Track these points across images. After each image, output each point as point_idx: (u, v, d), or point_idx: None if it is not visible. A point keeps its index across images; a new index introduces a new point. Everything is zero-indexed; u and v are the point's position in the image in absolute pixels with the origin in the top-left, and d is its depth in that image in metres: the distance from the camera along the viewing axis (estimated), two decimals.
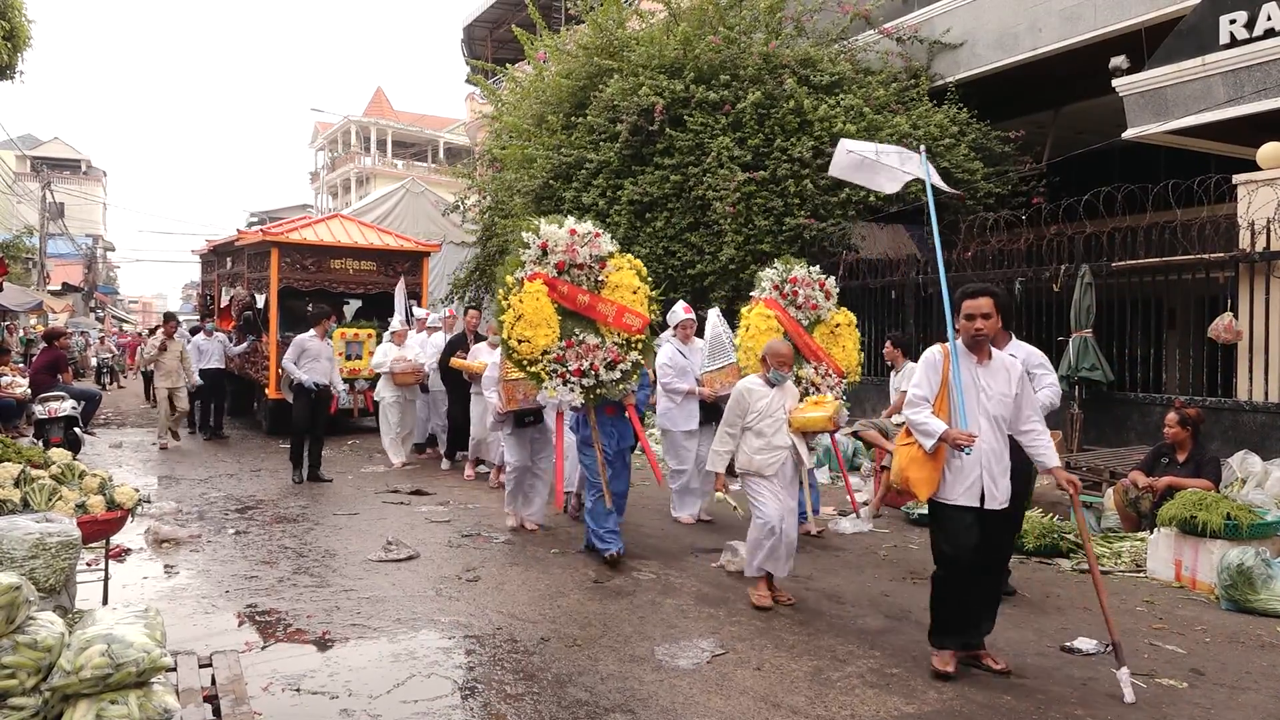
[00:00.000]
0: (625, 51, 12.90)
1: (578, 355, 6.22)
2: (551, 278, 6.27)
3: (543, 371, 6.21)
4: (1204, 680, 4.35)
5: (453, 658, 4.57)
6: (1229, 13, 8.50)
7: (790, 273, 7.38)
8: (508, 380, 6.94)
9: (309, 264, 13.32)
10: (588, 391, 6.26)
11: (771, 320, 7.13)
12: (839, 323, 7.53)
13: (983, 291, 4.32)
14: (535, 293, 6.16)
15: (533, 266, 6.28)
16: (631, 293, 6.41)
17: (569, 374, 6.20)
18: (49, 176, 35.13)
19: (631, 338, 6.40)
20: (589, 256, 6.34)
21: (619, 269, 6.45)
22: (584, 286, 6.35)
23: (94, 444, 12.40)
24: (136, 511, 4.54)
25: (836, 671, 4.38)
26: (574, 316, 6.34)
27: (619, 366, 6.32)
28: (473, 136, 28.06)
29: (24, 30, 11.26)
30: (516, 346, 6.15)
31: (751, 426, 5.41)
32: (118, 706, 2.87)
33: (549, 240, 6.27)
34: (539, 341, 6.16)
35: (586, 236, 6.35)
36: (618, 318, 6.36)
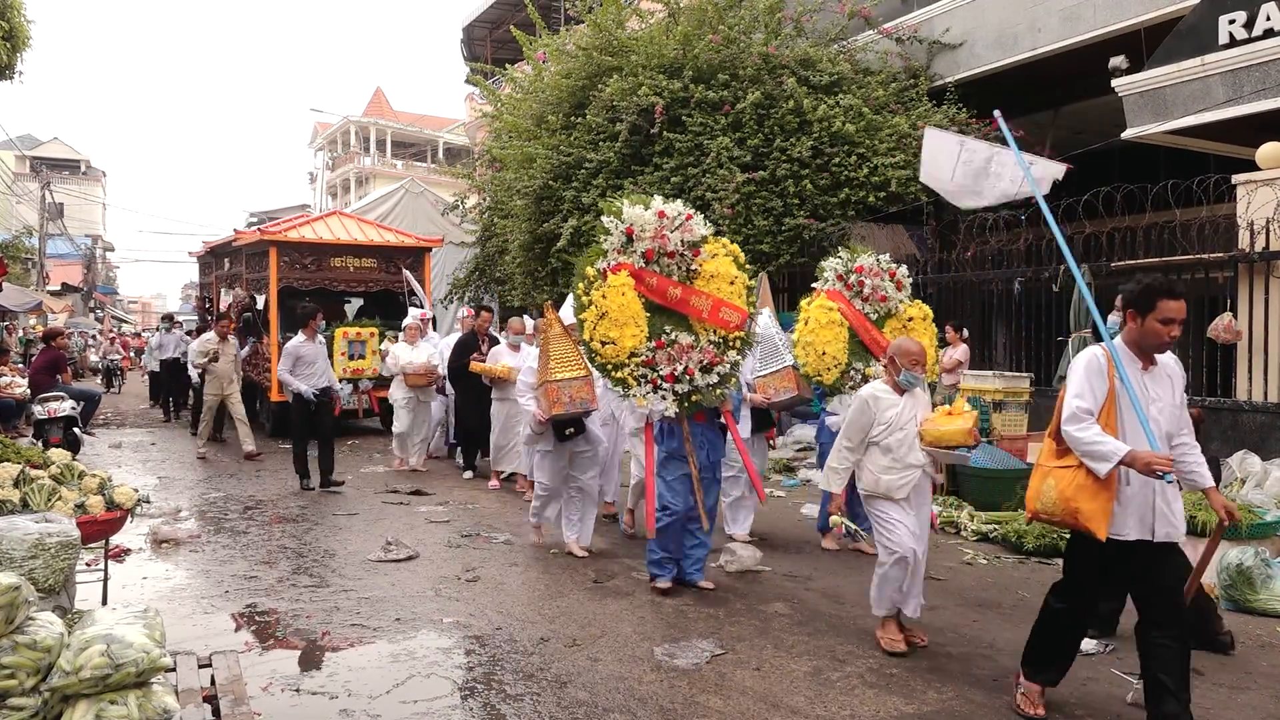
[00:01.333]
0: (624, 51, 12.90)
1: (670, 357, 5.45)
2: (638, 268, 5.48)
3: (629, 377, 5.42)
4: (1203, 680, 4.35)
5: (452, 658, 4.57)
6: (1228, 13, 8.49)
7: (855, 261, 6.73)
8: (552, 381, 6.07)
9: (308, 263, 13.11)
10: (681, 399, 5.49)
11: (834, 314, 6.51)
12: (912, 316, 6.79)
13: (1181, 292, 3.69)
14: (621, 286, 5.36)
15: (616, 256, 5.48)
16: (729, 283, 5.61)
17: (660, 379, 5.42)
18: (48, 177, 35.16)
19: (729, 335, 5.62)
20: (680, 242, 5.54)
21: (714, 256, 5.64)
22: (674, 277, 5.59)
23: (93, 444, 12.40)
24: (136, 512, 4.53)
25: (836, 671, 4.38)
26: (663, 312, 5.59)
27: (716, 369, 5.54)
28: (472, 137, 28.07)
29: (23, 30, 11.24)
30: (600, 349, 5.37)
31: (878, 441, 4.66)
32: (117, 707, 2.87)
33: (635, 225, 5.47)
34: (626, 342, 5.36)
35: (677, 219, 5.56)
36: (713, 313, 5.56)
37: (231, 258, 15.08)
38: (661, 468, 5.66)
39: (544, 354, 6.20)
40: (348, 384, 12.26)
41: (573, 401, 6.05)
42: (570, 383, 6.04)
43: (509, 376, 8.61)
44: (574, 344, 6.11)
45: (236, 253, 14.55)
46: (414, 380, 10.15)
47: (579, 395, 6.04)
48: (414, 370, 10.10)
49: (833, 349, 6.46)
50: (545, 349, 6.21)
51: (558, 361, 6.11)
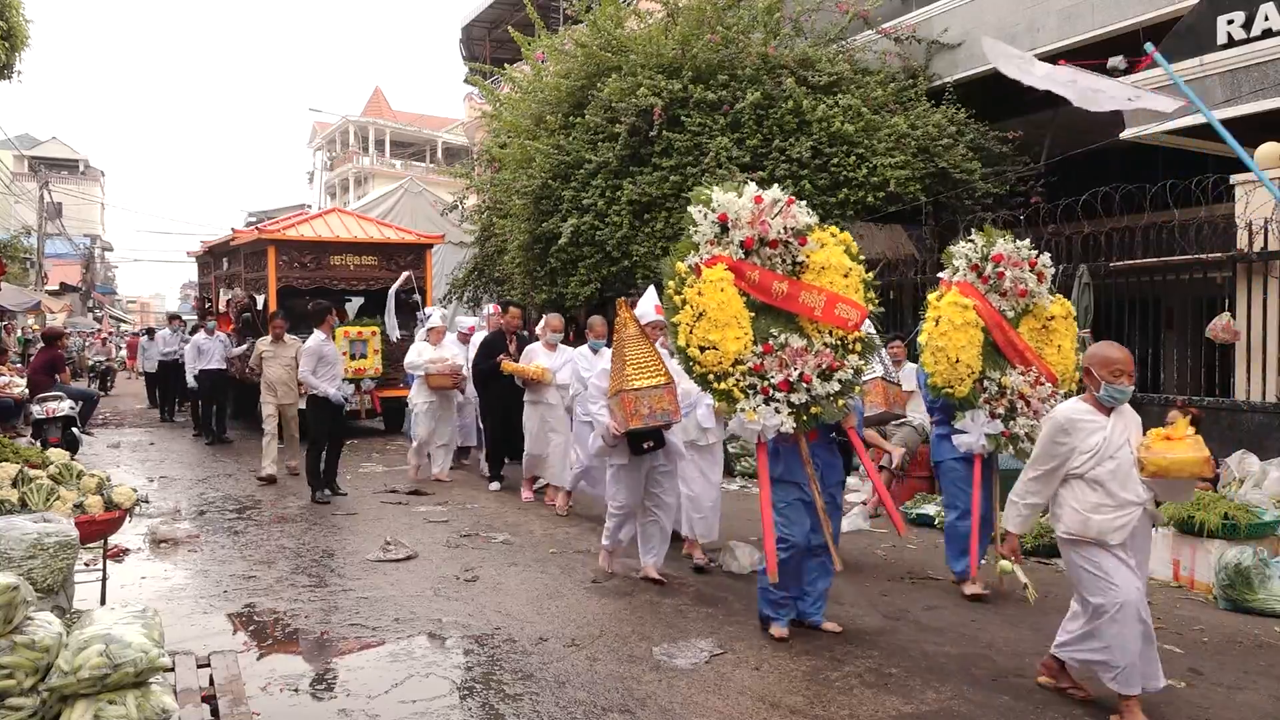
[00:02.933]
0: (623, 51, 12.90)
1: (782, 363, 4.67)
2: (737, 260, 4.76)
3: (736, 388, 4.62)
4: (1202, 680, 4.36)
5: (451, 657, 4.57)
6: (1227, 13, 8.50)
7: (992, 248, 5.72)
8: (629, 390, 5.35)
9: (307, 261, 12.90)
10: (798, 411, 4.66)
11: (969, 312, 5.53)
12: (1053, 315, 5.85)
13: None
14: (719, 281, 4.63)
15: (710, 248, 4.76)
16: (842, 276, 4.87)
17: (773, 389, 4.63)
18: (47, 176, 35.11)
19: (848, 336, 4.87)
20: (783, 230, 4.82)
21: (823, 245, 4.92)
22: (778, 270, 4.85)
23: (92, 444, 12.39)
24: (134, 512, 4.53)
25: (835, 671, 4.38)
26: (768, 311, 4.83)
27: (836, 375, 4.75)
28: (471, 136, 28.06)
29: (22, 30, 11.23)
30: (699, 357, 4.60)
31: (1082, 474, 3.84)
32: (116, 707, 2.87)
33: (728, 212, 4.76)
34: (729, 346, 4.60)
35: (777, 204, 4.83)
36: (828, 310, 4.81)
37: (230, 257, 14.95)
38: (774, 496, 4.82)
39: (618, 359, 5.53)
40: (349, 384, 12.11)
41: (652, 413, 5.38)
42: (649, 392, 5.36)
43: (544, 378, 8.13)
44: (653, 347, 5.55)
45: (235, 252, 14.43)
46: (437, 383, 9.45)
47: (659, 406, 5.37)
48: (438, 371, 9.43)
49: (967, 355, 5.48)
50: (620, 353, 5.53)
51: (635, 368, 5.41)
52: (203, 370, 12.72)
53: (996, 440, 5.61)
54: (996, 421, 5.59)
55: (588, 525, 7.54)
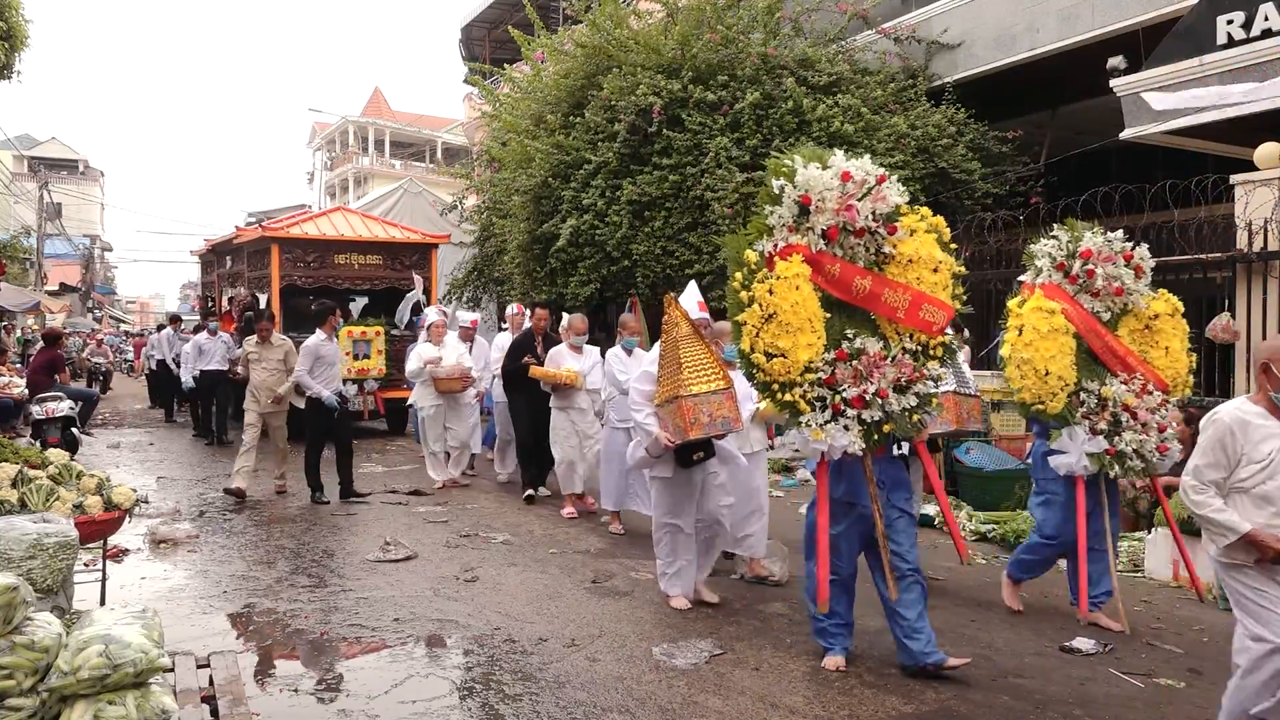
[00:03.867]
0: (623, 50, 12.91)
1: (857, 374, 4.06)
2: (816, 252, 4.09)
3: (802, 399, 4.03)
4: (1201, 680, 4.36)
5: (450, 658, 4.57)
6: (1226, 13, 8.50)
7: (1079, 243, 5.12)
8: (687, 396, 4.84)
9: (311, 260, 12.75)
10: (870, 430, 4.08)
11: (1057, 317, 4.90)
12: (1157, 313, 5.21)
13: None
14: (794, 278, 3.97)
15: (787, 234, 4.09)
16: (930, 271, 4.19)
17: (844, 403, 4.03)
18: (46, 176, 35.14)
19: (930, 342, 4.25)
20: (871, 215, 4.13)
21: (912, 233, 4.22)
22: (860, 263, 4.22)
23: (91, 444, 12.38)
24: (134, 512, 4.53)
25: (834, 671, 4.37)
26: (843, 310, 4.22)
27: (914, 388, 4.15)
28: (471, 136, 28.07)
29: (21, 30, 11.24)
30: (765, 364, 3.99)
31: (1249, 488, 3.31)
32: (115, 707, 2.86)
33: (812, 191, 4.04)
34: (800, 354, 3.98)
35: (867, 183, 4.12)
36: (912, 311, 4.17)
37: (233, 255, 14.83)
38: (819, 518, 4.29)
39: (670, 361, 5.03)
40: (352, 384, 11.85)
41: (713, 421, 4.85)
42: (709, 397, 4.82)
43: (575, 382, 7.76)
44: (709, 348, 5.07)
45: (238, 250, 14.30)
46: (446, 386, 9.01)
47: (719, 413, 4.84)
48: (445, 374, 8.97)
49: (1058, 366, 4.88)
50: (673, 355, 5.03)
51: (692, 371, 4.92)
52: (204, 370, 12.61)
53: (1100, 459, 4.97)
54: (1099, 439, 4.96)
55: (587, 525, 7.54)
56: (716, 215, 11.48)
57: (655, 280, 12.29)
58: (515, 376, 8.38)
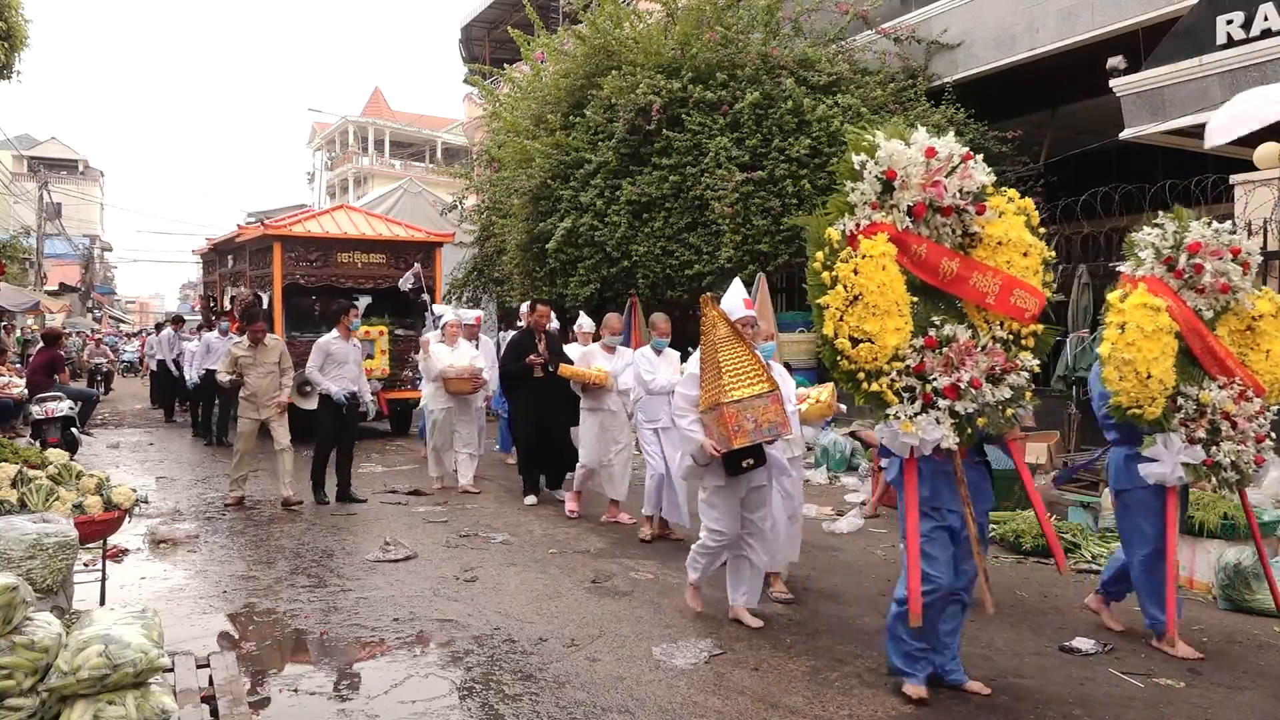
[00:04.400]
0: (622, 50, 12.91)
1: (948, 363, 3.79)
2: (902, 231, 3.85)
3: (889, 390, 3.78)
4: (1201, 680, 4.36)
5: (450, 658, 4.56)
6: (1226, 13, 8.51)
7: (1187, 234, 4.63)
8: (730, 402, 4.58)
9: (314, 258, 12.53)
10: (962, 423, 3.80)
11: (1162, 316, 4.44)
12: (1262, 313, 4.77)
13: None
14: (880, 257, 3.72)
15: (870, 212, 3.84)
16: (1021, 254, 3.99)
17: (936, 394, 3.77)
18: (46, 176, 35.13)
19: (1021, 330, 4.00)
20: (958, 193, 3.91)
21: (1000, 214, 4.02)
22: (947, 244, 3.99)
23: (91, 444, 12.38)
24: (134, 512, 4.53)
25: (834, 671, 4.38)
26: (928, 295, 3.96)
27: (1007, 379, 3.88)
28: (470, 137, 28.07)
29: (21, 30, 11.25)
30: (850, 350, 3.73)
31: None
32: (115, 707, 2.87)
33: (896, 166, 3.81)
34: (887, 339, 3.72)
35: (954, 159, 3.90)
36: (1003, 297, 3.94)
37: (235, 254, 14.65)
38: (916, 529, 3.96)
39: (710, 365, 4.77)
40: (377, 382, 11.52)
41: (758, 427, 4.61)
42: (752, 403, 4.60)
43: (605, 382, 7.53)
44: (750, 349, 4.80)
45: (240, 249, 14.12)
46: (456, 386, 8.84)
47: (765, 418, 4.61)
48: (456, 375, 8.80)
49: (1160, 369, 4.41)
50: (712, 359, 4.76)
51: (733, 375, 4.67)
52: (209, 370, 12.26)
53: (1196, 470, 4.57)
54: (1196, 448, 4.54)
55: (587, 525, 7.54)
56: (717, 215, 11.49)
57: (655, 280, 12.30)
58: (515, 376, 8.21)
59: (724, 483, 4.92)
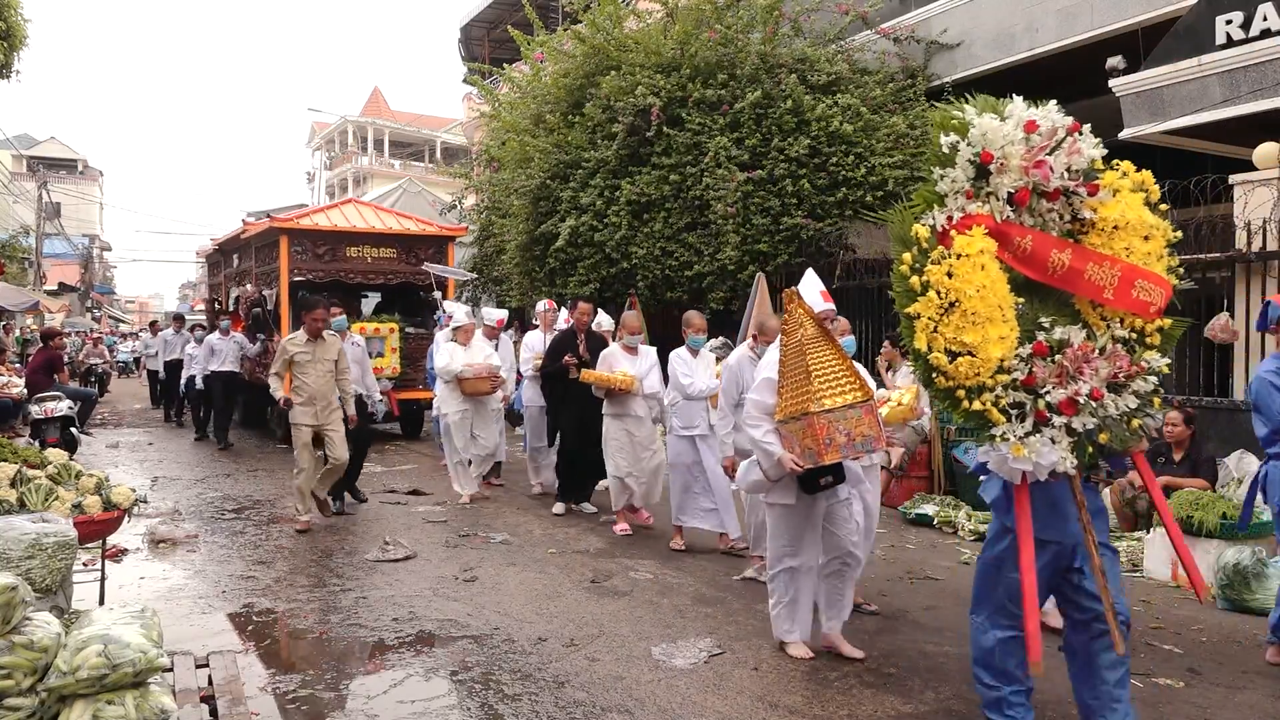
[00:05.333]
0: (622, 50, 12.91)
1: (1063, 372, 3.23)
2: (1002, 221, 3.30)
3: (994, 408, 3.20)
4: (1201, 680, 4.36)
5: (450, 657, 4.56)
6: (1225, 13, 8.50)
7: None
8: (821, 412, 4.06)
9: (322, 253, 12.16)
10: (1081, 441, 3.25)
11: None
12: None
13: None
14: (978, 257, 3.20)
15: (964, 202, 3.29)
16: (1142, 239, 3.40)
17: (1050, 409, 3.20)
18: (45, 176, 35.09)
19: (1146, 327, 3.39)
20: (1066, 172, 3.33)
21: (1114, 192, 3.41)
22: (1053, 231, 3.40)
23: (90, 444, 12.38)
24: (133, 512, 4.54)
25: (834, 671, 4.38)
26: (1032, 290, 3.45)
27: (1133, 385, 3.29)
28: (470, 136, 28.08)
29: (20, 30, 11.23)
30: (948, 366, 3.20)
31: None
32: (114, 707, 2.86)
33: (992, 145, 3.26)
34: (991, 350, 3.18)
35: (1057, 134, 3.34)
36: (1123, 290, 3.34)
37: (240, 252, 14.36)
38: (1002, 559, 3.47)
39: (796, 369, 4.22)
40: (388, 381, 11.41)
41: (851, 441, 4.08)
42: (845, 413, 4.06)
43: (630, 387, 7.07)
44: (841, 351, 4.28)
45: (245, 246, 13.83)
46: (473, 387, 8.26)
47: (860, 431, 4.08)
48: (474, 374, 8.23)
49: None
50: (797, 361, 4.22)
51: (824, 380, 4.13)
52: (214, 371, 12.28)
53: None
54: None
55: (586, 525, 7.54)
56: (717, 215, 11.49)
57: (654, 281, 12.30)
58: (555, 378, 7.79)
59: (794, 502, 4.42)
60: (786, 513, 4.48)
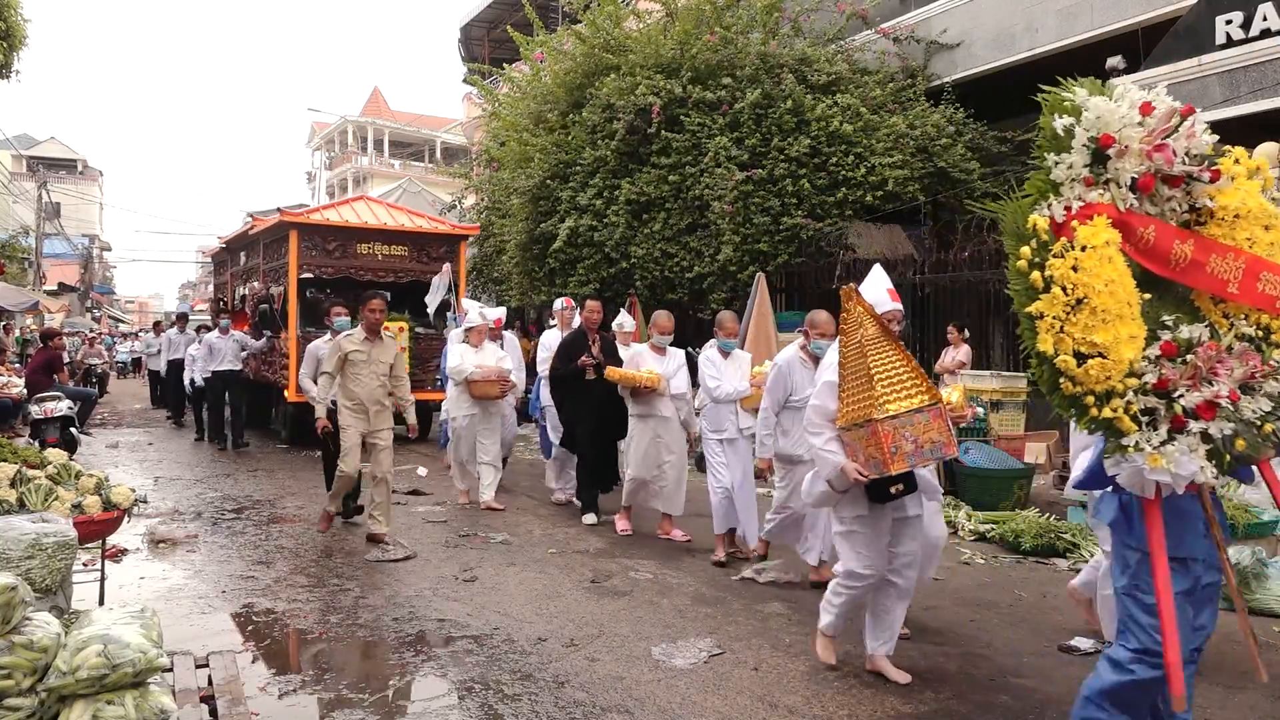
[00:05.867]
0: (622, 50, 12.92)
1: (1196, 374, 2.96)
2: (1126, 212, 3.04)
3: (1125, 415, 2.90)
4: (1200, 680, 4.34)
5: (449, 658, 4.56)
6: (1225, 13, 8.51)
7: None
8: (886, 419, 3.83)
9: (332, 248, 11.92)
10: (1218, 449, 2.95)
11: None
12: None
13: None
14: (1105, 248, 2.95)
15: (1082, 190, 3.04)
16: (1263, 229, 3.16)
17: (1188, 414, 2.92)
18: (45, 176, 35.09)
19: (1272, 324, 3.11)
20: (1186, 157, 3.10)
21: (1233, 178, 3.16)
22: (1171, 221, 3.16)
23: (90, 444, 12.37)
24: (133, 512, 4.54)
25: (833, 671, 4.37)
26: (1155, 288, 3.15)
27: (1265, 386, 3.03)
28: (470, 136, 28.08)
29: (20, 30, 11.24)
30: (1076, 370, 2.90)
31: None
32: (114, 707, 2.86)
33: (1111, 128, 3.00)
34: (1122, 351, 2.92)
35: (1174, 116, 3.09)
36: (1248, 284, 3.10)
37: (248, 250, 14.15)
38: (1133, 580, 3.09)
39: (855, 371, 3.99)
40: None
41: (919, 449, 3.85)
42: (913, 418, 3.84)
43: (657, 386, 6.91)
44: (905, 353, 4.02)
45: (253, 243, 13.62)
46: (483, 390, 8.04)
47: (928, 437, 3.85)
48: (483, 377, 8.01)
49: None
50: (858, 364, 3.98)
51: (888, 384, 3.89)
52: (215, 372, 12.15)
53: None
54: None
55: (586, 525, 7.53)
56: (716, 215, 11.49)
57: (654, 281, 12.31)
58: (567, 381, 7.57)
59: (867, 512, 4.19)
60: (858, 526, 4.24)
